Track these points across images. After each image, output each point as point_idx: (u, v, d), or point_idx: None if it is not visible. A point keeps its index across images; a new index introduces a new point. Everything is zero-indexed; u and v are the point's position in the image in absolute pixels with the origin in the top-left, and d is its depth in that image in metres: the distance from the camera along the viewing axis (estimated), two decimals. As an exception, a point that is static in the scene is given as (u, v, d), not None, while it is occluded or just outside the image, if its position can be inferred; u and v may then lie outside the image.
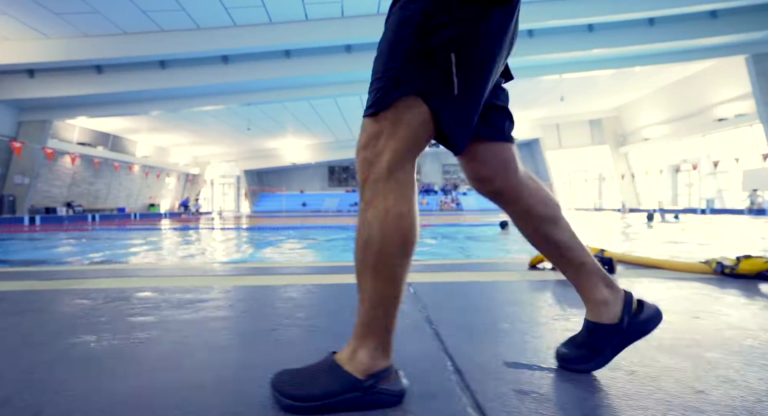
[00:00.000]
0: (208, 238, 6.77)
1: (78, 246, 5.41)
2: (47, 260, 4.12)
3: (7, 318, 1.28)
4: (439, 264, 2.50)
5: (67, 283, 1.87)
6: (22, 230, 8.67)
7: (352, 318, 0.73)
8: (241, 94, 12.97)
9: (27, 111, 12.21)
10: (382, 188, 0.69)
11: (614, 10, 10.56)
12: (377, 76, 0.71)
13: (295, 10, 9.83)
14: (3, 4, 8.32)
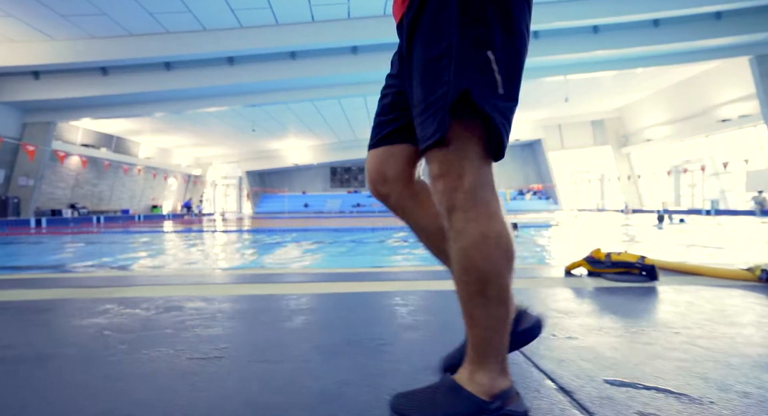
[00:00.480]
0: (225, 242, 6.75)
1: (95, 250, 5.38)
2: (71, 265, 4.10)
3: (67, 330, 1.27)
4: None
5: (108, 292, 1.86)
6: (30, 232, 8.64)
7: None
8: (246, 96, 12.95)
9: (31, 112, 12.17)
10: (473, 213, 0.67)
11: (619, 12, 10.59)
12: (426, 103, 0.69)
13: (301, 11, 9.82)
14: (8, 6, 8.29)
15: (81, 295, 1.80)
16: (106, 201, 17.31)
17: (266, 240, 6.86)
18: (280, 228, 9.60)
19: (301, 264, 4.01)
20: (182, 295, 1.75)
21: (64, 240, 6.67)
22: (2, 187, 11.94)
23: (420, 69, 0.70)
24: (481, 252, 0.66)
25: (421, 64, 0.70)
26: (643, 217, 14.10)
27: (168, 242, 6.73)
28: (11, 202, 11.71)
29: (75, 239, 7.22)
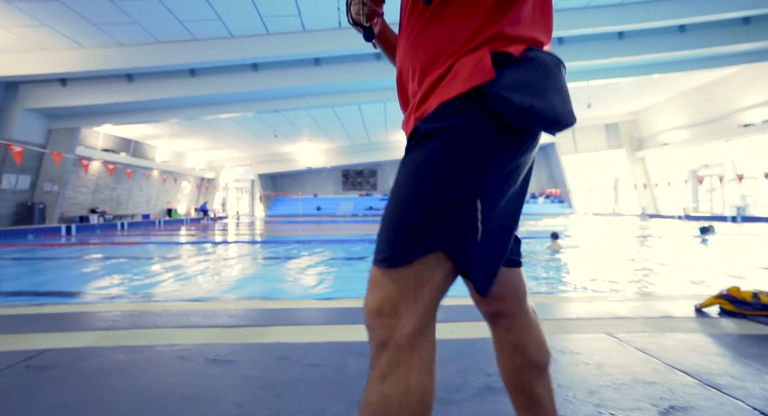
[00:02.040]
0: (244, 260, 6.74)
1: (139, 269, 5.37)
2: (129, 290, 4.09)
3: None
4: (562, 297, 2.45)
5: (248, 335, 1.84)
6: (62, 242, 8.68)
7: None
8: (269, 101, 12.98)
9: (57, 119, 12.24)
10: (404, 359, 0.61)
11: (646, 18, 10.51)
12: (393, 224, 0.64)
13: (328, 18, 9.83)
14: (44, 16, 8.35)
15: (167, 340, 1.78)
16: (124, 205, 17.40)
17: (289, 256, 6.85)
18: (300, 238, 9.59)
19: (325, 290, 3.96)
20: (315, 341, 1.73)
21: (102, 255, 6.68)
22: (28, 193, 12.02)
23: (399, 190, 0.66)
24: (401, 405, 0.60)
25: (403, 185, 0.66)
26: (664, 224, 13.97)
27: (198, 257, 6.75)
28: (37, 208, 11.78)
29: (110, 252, 7.25)
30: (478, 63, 0.65)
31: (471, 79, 0.64)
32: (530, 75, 0.65)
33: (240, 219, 21.73)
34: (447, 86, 0.66)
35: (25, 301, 3.19)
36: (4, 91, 10.89)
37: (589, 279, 4.11)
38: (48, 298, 3.36)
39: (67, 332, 1.84)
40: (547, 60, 0.67)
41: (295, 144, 22.59)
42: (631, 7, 10.39)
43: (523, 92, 0.62)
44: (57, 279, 4.31)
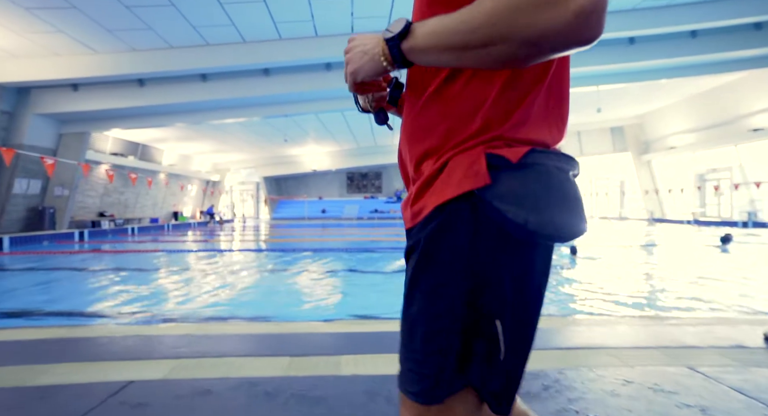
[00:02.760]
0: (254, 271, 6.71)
1: (160, 281, 5.34)
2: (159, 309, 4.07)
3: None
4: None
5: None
6: (76, 249, 8.66)
7: None
8: (280, 106, 12.99)
9: (67, 123, 12.24)
10: None
11: (657, 24, 10.52)
12: (415, 355, 0.62)
13: (342, 23, 9.85)
14: (60, 23, 8.35)
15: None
16: (131, 208, 17.39)
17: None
18: (309, 246, 9.57)
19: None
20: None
21: (124, 266, 6.65)
22: (39, 198, 12.01)
23: (416, 312, 0.63)
24: None
25: (419, 307, 0.63)
26: (675, 230, 13.96)
27: (223, 268, 6.72)
28: (47, 213, 11.77)
29: (131, 262, 7.23)
30: (471, 165, 0.60)
31: (464, 183, 0.60)
32: (528, 185, 0.59)
33: (246, 222, 21.73)
34: (441, 187, 0.62)
35: (69, 322, 3.19)
36: (16, 96, 10.88)
37: (628, 296, 4.02)
38: (93, 320, 3.34)
39: (136, 360, 1.82)
40: (550, 167, 0.61)
41: (301, 147, 22.59)
42: (644, 13, 10.40)
43: (518, 205, 0.58)
44: (91, 296, 4.22)
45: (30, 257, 7.08)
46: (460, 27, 0.54)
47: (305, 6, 8.82)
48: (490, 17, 0.52)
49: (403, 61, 0.62)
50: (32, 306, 3.83)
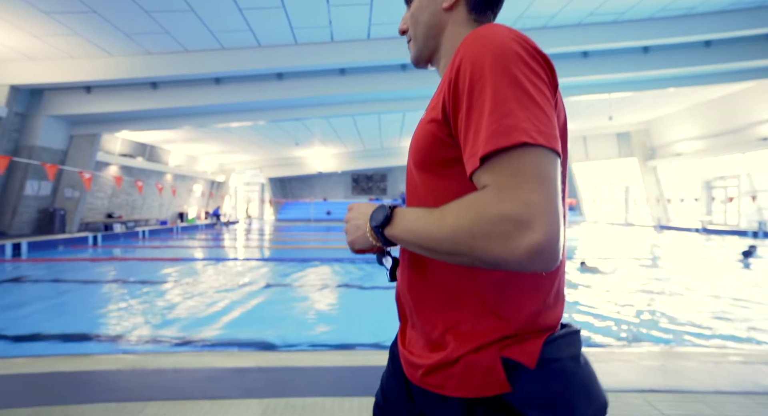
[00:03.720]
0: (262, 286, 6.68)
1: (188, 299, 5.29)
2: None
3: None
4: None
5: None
6: (93, 256, 8.60)
7: None
8: (293, 110, 12.97)
9: (79, 125, 12.19)
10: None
11: (671, 33, 10.54)
12: None
13: (359, 29, 9.85)
14: (79, 27, 8.32)
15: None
16: (139, 209, 17.35)
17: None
18: (316, 255, 9.55)
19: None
20: None
21: (135, 277, 6.58)
22: (49, 199, 11.96)
23: None
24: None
25: None
26: (685, 239, 13.95)
27: (245, 277, 6.68)
28: (58, 215, 11.72)
29: (152, 273, 7.18)
30: (489, 372, 0.62)
31: (483, 389, 0.62)
32: (549, 388, 0.61)
33: (252, 223, 21.70)
34: (458, 384, 0.64)
35: (85, 348, 3.06)
36: (29, 97, 10.83)
37: (650, 322, 3.79)
38: (110, 344, 3.19)
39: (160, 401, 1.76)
40: (566, 363, 0.63)
41: (307, 148, 22.57)
42: (660, 22, 10.42)
43: (542, 409, 0.60)
44: (110, 316, 4.08)
45: (48, 266, 7.01)
46: (429, 235, 0.59)
47: (324, 13, 8.81)
48: (453, 235, 0.55)
49: (388, 242, 0.67)
50: (44, 327, 3.70)
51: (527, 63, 0.58)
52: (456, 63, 0.61)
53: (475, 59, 0.58)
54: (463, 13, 0.77)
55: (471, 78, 0.58)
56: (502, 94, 0.55)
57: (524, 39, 0.62)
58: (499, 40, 0.60)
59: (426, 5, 0.79)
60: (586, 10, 9.49)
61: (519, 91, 0.55)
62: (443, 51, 0.80)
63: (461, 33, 0.77)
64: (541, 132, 0.53)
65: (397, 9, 8.86)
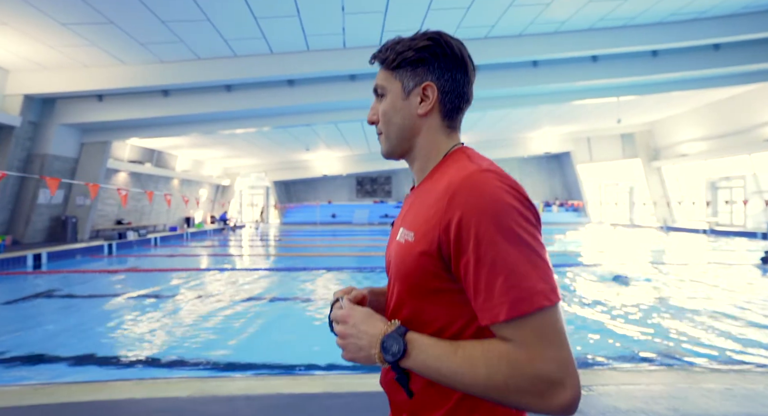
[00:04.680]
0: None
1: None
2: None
3: None
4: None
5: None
6: (118, 268, 8.55)
7: None
8: (302, 115, 13.01)
9: (90, 133, 12.21)
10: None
11: (680, 38, 10.58)
12: None
13: (371, 36, 9.88)
14: (95, 37, 8.34)
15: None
16: (147, 215, 17.36)
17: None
18: (326, 264, 9.55)
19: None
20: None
21: (153, 290, 6.55)
22: (61, 207, 11.97)
23: None
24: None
25: None
26: (695, 241, 13.99)
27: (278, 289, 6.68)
28: (70, 222, 11.73)
29: (158, 282, 7.17)
30: None
31: None
32: None
33: (259, 228, 21.70)
34: None
35: (105, 373, 3.02)
36: (42, 106, 10.85)
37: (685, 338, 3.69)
38: (130, 369, 3.14)
39: None
40: None
41: (313, 152, 22.59)
42: (669, 26, 10.46)
43: None
44: (131, 336, 3.97)
45: (71, 278, 6.99)
46: (454, 377, 0.63)
47: (338, 20, 8.84)
48: (485, 386, 0.61)
49: (402, 372, 0.70)
50: (60, 347, 3.61)
51: (523, 214, 0.64)
52: (456, 215, 0.65)
53: (476, 215, 0.63)
54: (436, 119, 0.81)
55: (476, 234, 0.63)
56: (512, 255, 0.61)
57: (515, 187, 0.67)
58: (496, 195, 0.65)
59: (400, 108, 0.82)
60: (597, 15, 9.53)
61: (525, 248, 0.61)
62: (417, 152, 0.84)
63: (435, 139, 0.81)
64: (553, 289, 0.60)
65: (412, 16, 8.90)
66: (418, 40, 0.81)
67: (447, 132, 0.82)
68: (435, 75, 0.79)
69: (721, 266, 8.19)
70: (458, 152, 0.80)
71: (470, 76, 0.83)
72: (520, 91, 12.94)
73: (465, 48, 0.83)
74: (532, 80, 11.66)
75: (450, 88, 0.80)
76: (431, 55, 0.79)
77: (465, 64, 0.81)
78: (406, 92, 0.81)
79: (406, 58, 0.80)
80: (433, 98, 0.80)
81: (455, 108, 0.82)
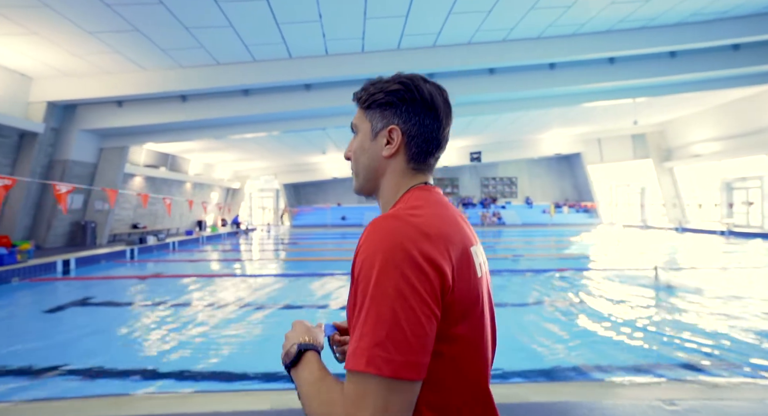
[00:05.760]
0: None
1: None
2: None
3: None
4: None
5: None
6: (145, 274, 8.58)
7: None
8: (319, 119, 13.06)
9: (108, 138, 12.30)
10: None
11: (699, 39, 10.51)
12: None
13: (390, 40, 9.91)
14: (118, 44, 8.41)
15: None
16: (161, 219, 17.45)
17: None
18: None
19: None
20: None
21: (178, 298, 6.50)
22: (81, 212, 12.06)
23: None
24: None
25: None
26: (714, 242, 13.85)
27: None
28: (89, 227, 11.82)
29: (184, 290, 7.17)
30: None
31: None
32: None
33: (270, 230, 21.77)
34: None
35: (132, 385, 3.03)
36: (63, 113, 10.94)
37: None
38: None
39: None
40: None
41: (323, 154, 22.64)
42: (689, 27, 10.40)
43: None
44: (164, 348, 3.93)
45: (98, 284, 7.03)
46: (304, 400, 0.68)
47: (359, 25, 8.86)
48: (308, 412, 0.67)
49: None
50: (118, 359, 3.57)
51: (418, 267, 0.63)
52: (360, 256, 0.66)
53: (366, 256, 0.64)
54: (401, 162, 0.81)
55: (365, 278, 0.64)
56: (383, 310, 0.60)
57: (421, 239, 0.65)
58: (392, 241, 0.64)
59: (367, 148, 0.83)
60: (618, 16, 9.49)
61: (401, 308, 0.61)
62: (381, 192, 0.85)
63: (399, 182, 0.81)
64: (406, 364, 0.59)
65: (432, 20, 8.90)
66: (390, 83, 0.81)
67: (412, 174, 0.82)
68: (402, 118, 0.79)
69: (755, 268, 8.11)
70: (408, 193, 0.80)
71: (442, 121, 0.81)
72: (536, 93, 12.91)
73: (440, 93, 0.82)
74: (548, 83, 11.62)
75: (417, 132, 0.79)
76: (399, 100, 0.79)
77: (435, 110, 0.80)
78: (374, 133, 0.82)
79: (376, 100, 0.81)
80: (398, 141, 0.80)
81: (422, 152, 0.81)
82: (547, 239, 15.74)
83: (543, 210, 25.66)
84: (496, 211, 25.09)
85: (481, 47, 10.38)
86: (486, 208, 26.09)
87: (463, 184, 27.92)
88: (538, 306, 5.34)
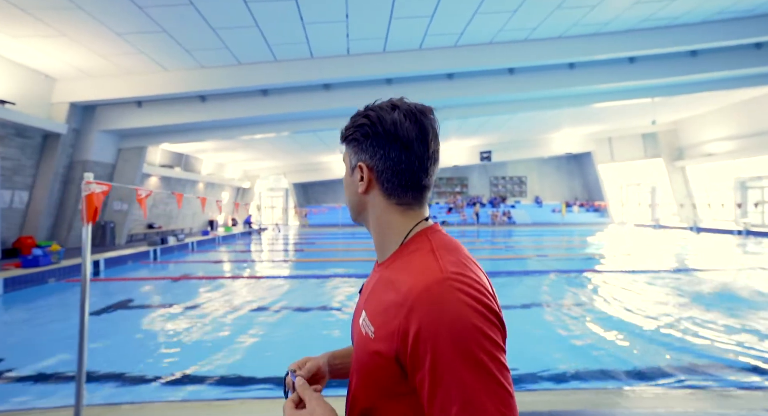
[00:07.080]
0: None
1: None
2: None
3: None
4: None
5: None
6: (173, 276, 8.55)
7: None
8: (336, 119, 13.02)
9: (127, 138, 12.32)
10: None
11: (723, 37, 10.44)
12: None
13: (413, 40, 9.87)
14: (144, 45, 8.41)
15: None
16: (174, 219, 17.48)
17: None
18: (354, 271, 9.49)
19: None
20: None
21: (207, 305, 6.45)
22: (100, 213, 12.08)
23: None
24: None
25: None
26: (725, 241, 13.78)
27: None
28: (108, 227, 11.84)
29: (212, 292, 7.13)
30: None
31: None
32: None
33: (281, 230, 21.78)
34: None
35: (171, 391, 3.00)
36: (83, 113, 10.95)
37: None
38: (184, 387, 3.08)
39: None
40: None
41: (332, 153, 22.62)
42: (710, 26, 10.34)
43: None
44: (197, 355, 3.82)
45: (130, 286, 7.02)
46: None
47: (384, 25, 8.83)
48: None
49: None
50: (163, 363, 3.55)
51: (485, 334, 0.60)
52: (413, 327, 0.61)
53: (434, 333, 0.60)
54: (379, 197, 0.77)
55: (434, 353, 0.59)
56: (469, 383, 0.57)
57: (478, 299, 0.62)
58: (457, 313, 0.60)
59: (349, 184, 0.81)
60: (641, 16, 9.44)
61: (484, 375, 0.58)
62: (370, 226, 0.81)
63: (386, 218, 0.77)
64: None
65: (457, 20, 8.87)
66: (358, 116, 0.79)
67: (400, 210, 0.76)
68: (368, 154, 0.76)
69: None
70: (421, 237, 0.74)
71: (415, 151, 0.74)
72: (553, 93, 12.86)
73: (413, 120, 0.74)
74: (568, 82, 11.58)
75: (383, 167, 0.74)
76: (363, 135, 0.76)
77: (399, 141, 0.73)
78: (350, 169, 0.80)
79: (348, 135, 0.80)
80: (367, 177, 0.76)
81: (396, 186, 0.75)
82: (571, 238, 15.60)
83: (553, 209, 25.61)
84: (506, 211, 25.05)
85: (502, 47, 10.34)
86: (495, 207, 26.05)
87: (472, 183, 27.87)
88: (578, 306, 5.31)
